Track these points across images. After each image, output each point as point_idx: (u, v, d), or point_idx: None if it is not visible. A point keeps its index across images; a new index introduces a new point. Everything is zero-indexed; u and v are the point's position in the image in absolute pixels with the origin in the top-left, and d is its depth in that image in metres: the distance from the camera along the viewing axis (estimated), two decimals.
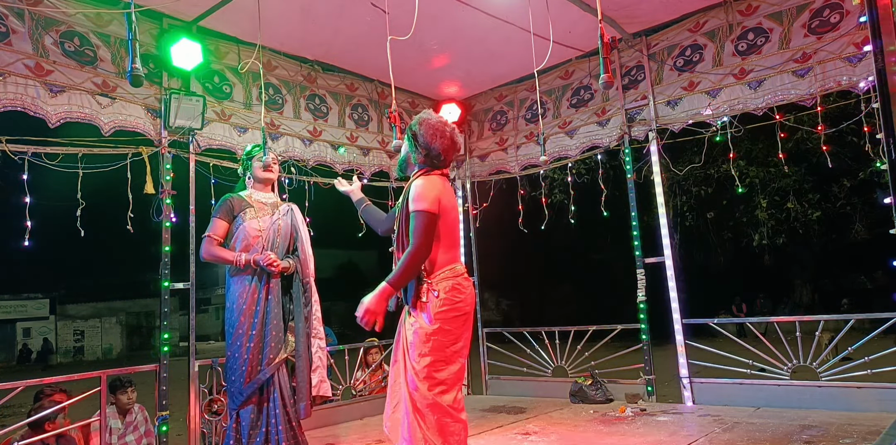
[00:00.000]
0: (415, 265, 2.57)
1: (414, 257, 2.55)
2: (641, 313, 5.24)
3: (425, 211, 2.60)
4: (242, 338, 3.29)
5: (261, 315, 3.34)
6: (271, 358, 3.31)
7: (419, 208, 2.61)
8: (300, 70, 5.34)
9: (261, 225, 3.44)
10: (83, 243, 21.09)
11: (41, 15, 3.87)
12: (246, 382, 3.27)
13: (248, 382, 3.27)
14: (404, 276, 2.57)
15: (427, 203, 2.61)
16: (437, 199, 2.64)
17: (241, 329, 3.29)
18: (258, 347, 3.30)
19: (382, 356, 5.65)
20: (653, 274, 5.25)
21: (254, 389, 3.28)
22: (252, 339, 3.29)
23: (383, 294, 2.55)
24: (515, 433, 4.33)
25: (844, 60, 4.33)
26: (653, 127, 5.22)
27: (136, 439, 4.41)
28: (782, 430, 3.83)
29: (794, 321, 4.74)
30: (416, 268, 2.58)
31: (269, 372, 3.30)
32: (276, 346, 3.35)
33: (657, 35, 5.28)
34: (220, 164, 4.69)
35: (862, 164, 11.95)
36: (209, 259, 3.41)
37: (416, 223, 2.60)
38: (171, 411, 4.14)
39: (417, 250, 2.56)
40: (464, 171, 6.57)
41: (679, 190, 14.76)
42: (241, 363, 3.28)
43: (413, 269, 2.57)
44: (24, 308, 27.78)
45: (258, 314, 3.33)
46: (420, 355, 2.60)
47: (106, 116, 4.10)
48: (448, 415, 2.54)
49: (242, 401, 3.27)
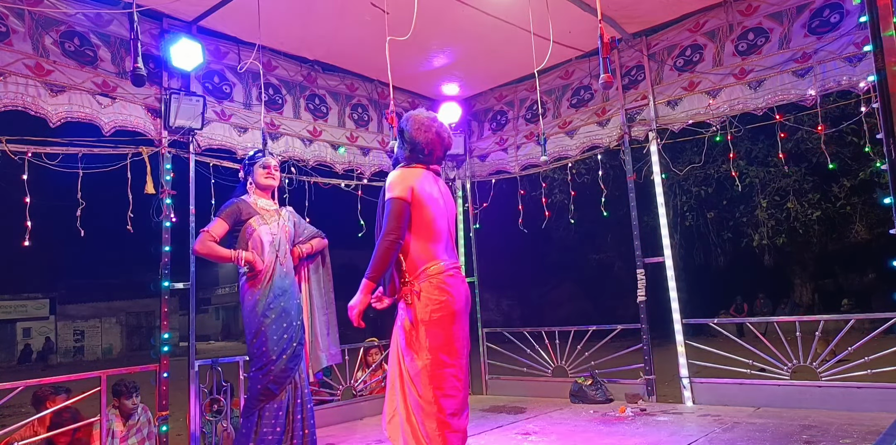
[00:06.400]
0: (385, 252, 2.51)
1: (382, 243, 2.51)
2: (641, 313, 5.24)
3: (394, 198, 2.58)
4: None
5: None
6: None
7: (388, 196, 2.60)
8: (300, 70, 5.34)
9: (272, 231, 3.53)
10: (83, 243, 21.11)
11: (41, 15, 3.87)
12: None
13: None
14: (378, 265, 2.51)
15: (397, 191, 2.59)
16: (410, 188, 2.60)
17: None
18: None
19: (382, 356, 5.65)
20: (653, 274, 5.25)
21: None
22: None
23: (363, 289, 2.53)
24: (515, 433, 4.33)
25: (844, 60, 4.33)
26: (653, 127, 5.22)
27: (139, 441, 4.40)
28: (782, 430, 3.83)
29: (794, 321, 4.75)
30: (387, 255, 2.52)
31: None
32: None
33: (657, 35, 5.28)
34: (220, 164, 4.69)
35: (862, 164, 11.97)
36: (202, 252, 3.41)
37: (386, 211, 2.58)
38: (171, 411, 4.15)
39: (385, 235, 2.52)
40: (464, 171, 6.57)
41: (679, 190, 14.76)
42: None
43: (384, 256, 2.51)
44: (24, 308, 27.75)
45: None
46: (411, 358, 2.56)
47: (106, 115, 4.10)
48: (445, 426, 2.48)
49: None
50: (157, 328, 5.59)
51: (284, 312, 3.44)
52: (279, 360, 3.36)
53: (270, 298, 3.41)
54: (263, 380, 3.34)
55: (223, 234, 3.45)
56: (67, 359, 27.27)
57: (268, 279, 3.44)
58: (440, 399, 2.51)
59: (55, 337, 27.89)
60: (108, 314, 29.52)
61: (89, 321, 29.12)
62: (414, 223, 2.60)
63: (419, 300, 2.56)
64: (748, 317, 14.05)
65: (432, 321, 2.55)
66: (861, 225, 14.41)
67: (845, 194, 13.56)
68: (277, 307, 3.42)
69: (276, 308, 3.41)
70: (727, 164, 10.55)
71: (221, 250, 3.40)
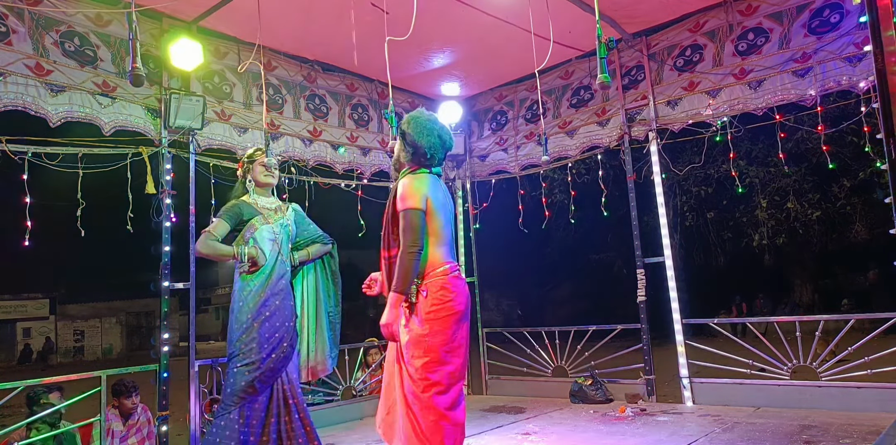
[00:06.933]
0: (411, 264, 2.55)
1: (408, 256, 2.55)
2: (641, 313, 5.24)
3: (412, 209, 2.60)
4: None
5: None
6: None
7: (405, 207, 2.61)
8: (300, 70, 5.34)
9: (274, 230, 3.53)
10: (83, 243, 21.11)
11: (41, 15, 3.87)
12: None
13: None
14: (405, 277, 2.56)
15: (413, 201, 2.61)
16: (425, 198, 2.63)
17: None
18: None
19: (382, 356, 5.64)
20: (653, 274, 5.25)
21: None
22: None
23: (393, 302, 2.56)
24: (515, 433, 4.33)
25: (844, 60, 4.33)
26: (653, 127, 5.22)
27: (139, 441, 4.40)
28: (782, 430, 3.83)
29: (794, 321, 4.75)
30: (413, 267, 2.56)
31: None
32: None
33: (657, 35, 5.28)
34: (220, 164, 4.69)
35: (862, 164, 11.97)
36: (204, 252, 3.40)
37: (404, 222, 2.60)
38: (171, 411, 4.15)
39: (408, 249, 2.55)
40: (464, 171, 6.57)
41: (679, 190, 14.77)
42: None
43: (411, 268, 2.56)
44: (24, 308, 27.74)
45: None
46: (413, 356, 2.58)
47: (106, 115, 4.10)
48: (444, 418, 2.51)
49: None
50: (157, 328, 5.58)
51: (279, 311, 3.42)
52: (268, 359, 3.32)
53: (267, 296, 3.39)
54: (249, 376, 3.28)
55: (224, 234, 3.44)
56: (67, 359, 27.26)
57: (266, 278, 3.42)
58: (440, 395, 2.54)
59: (55, 337, 27.88)
60: (108, 314, 29.50)
61: (89, 321, 29.10)
62: (426, 230, 2.64)
63: (426, 300, 2.60)
64: (748, 317, 14.05)
65: (437, 320, 2.58)
66: (861, 225, 14.41)
67: (845, 194, 13.57)
68: (273, 305, 3.40)
69: (270, 306, 3.40)
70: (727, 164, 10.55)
71: (223, 247, 3.40)
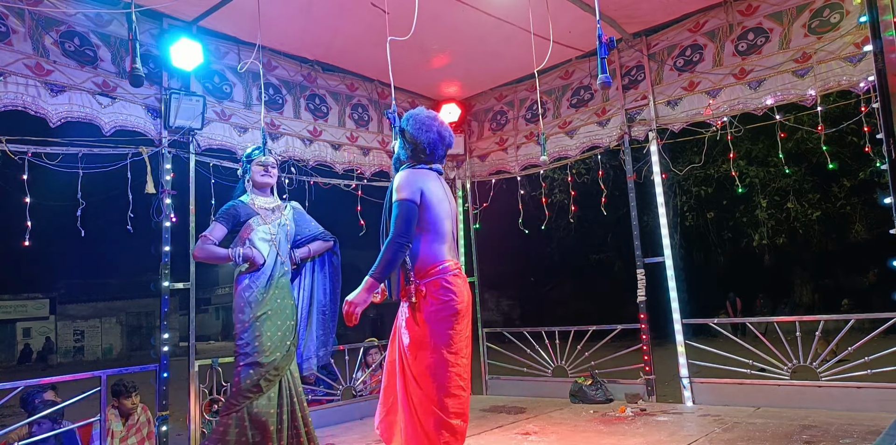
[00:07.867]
0: (393, 254, 2.52)
1: (392, 245, 2.52)
2: (641, 313, 5.24)
3: (403, 200, 2.58)
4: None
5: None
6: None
7: (398, 197, 2.60)
8: (300, 70, 5.34)
9: (271, 231, 3.53)
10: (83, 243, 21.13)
11: (41, 15, 3.87)
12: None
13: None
14: (385, 266, 2.52)
15: (406, 193, 2.59)
16: (419, 190, 2.61)
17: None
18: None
19: (382, 356, 5.65)
20: (653, 274, 5.25)
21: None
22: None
23: (367, 287, 2.53)
24: (515, 433, 4.33)
25: (844, 60, 4.33)
26: (653, 127, 5.22)
27: (139, 441, 4.40)
28: (782, 430, 3.83)
29: (794, 321, 4.75)
30: (395, 258, 2.53)
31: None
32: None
33: (657, 35, 5.28)
34: (220, 164, 4.69)
35: (862, 164, 11.96)
36: (201, 256, 3.44)
37: (395, 213, 2.58)
38: (171, 411, 4.15)
39: (395, 238, 2.53)
40: (464, 171, 6.57)
41: (679, 190, 14.76)
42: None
43: (391, 258, 2.52)
44: (24, 308, 27.73)
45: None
46: (414, 357, 2.57)
47: (106, 115, 4.10)
48: (446, 419, 2.49)
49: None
50: (157, 328, 5.58)
51: (280, 310, 3.44)
52: (273, 357, 3.34)
53: (267, 296, 3.40)
54: (255, 376, 3.29)
55: (222, 237, 3.46)
56: (67, 359, 27.26)
57: (266, 278, 3.43)
58: (443, 397, 2.52)
59: (55, 337, 27.88)
60: (108, 314, 29.49)
61: (89, 321, 29.10)
62: (422, 225, 2.62)
63: (425, 299, 2.58)
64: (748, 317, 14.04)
65: (437, 319, 2.56)
66: (861, 225, 14.40)
67: (845, 194, 13.56)
68: (274, 304, 3.41)
69: (272, 306, 3.41)
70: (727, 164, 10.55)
71: (219, 250, 3.41)
